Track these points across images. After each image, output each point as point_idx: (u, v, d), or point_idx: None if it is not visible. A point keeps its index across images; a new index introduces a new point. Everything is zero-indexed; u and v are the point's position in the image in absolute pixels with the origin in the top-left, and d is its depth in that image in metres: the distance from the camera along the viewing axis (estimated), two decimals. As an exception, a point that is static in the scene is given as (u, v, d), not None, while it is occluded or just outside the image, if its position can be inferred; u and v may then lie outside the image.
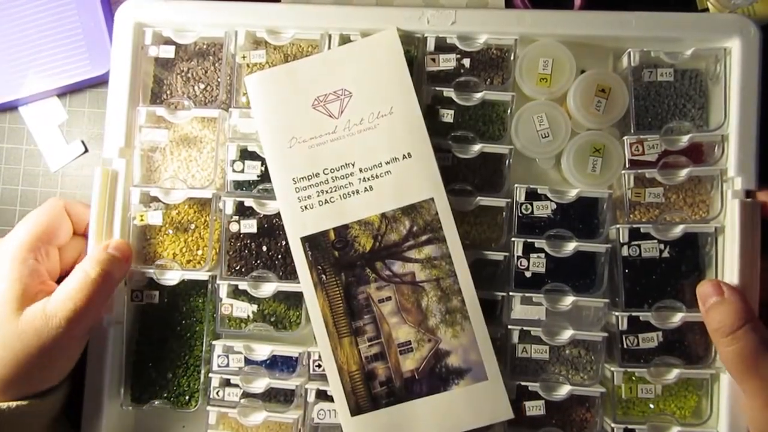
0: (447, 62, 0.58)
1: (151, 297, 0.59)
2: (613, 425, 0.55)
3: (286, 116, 0.56)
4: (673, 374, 0.55)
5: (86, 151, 0.66)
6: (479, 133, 0.58)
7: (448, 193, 0.55)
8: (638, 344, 0.56)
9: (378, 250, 0.55)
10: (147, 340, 0.60)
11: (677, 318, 0.55)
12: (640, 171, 0.57)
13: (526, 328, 0.56)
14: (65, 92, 0.66)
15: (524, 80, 0.58)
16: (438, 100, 0.58)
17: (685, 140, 0.56)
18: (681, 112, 0.59)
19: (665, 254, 0.57)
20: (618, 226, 0.56)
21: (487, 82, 0.59)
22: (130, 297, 0.59)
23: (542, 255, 0.56)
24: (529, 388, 0.56)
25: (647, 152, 0.56)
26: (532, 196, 0.57)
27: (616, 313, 0.56)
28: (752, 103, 0.55)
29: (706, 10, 0.62)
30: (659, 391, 0.56)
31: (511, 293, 0.56)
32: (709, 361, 0.56)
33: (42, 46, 0.65)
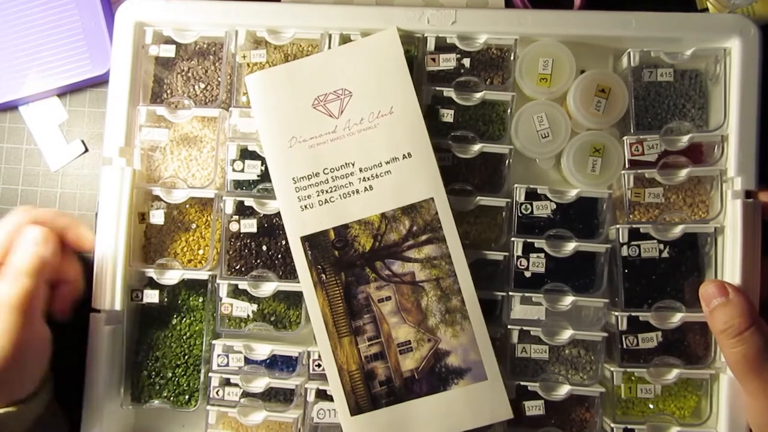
0: (447, 62, 0.58)
1: (151, 297, 0.59)
2: (612, 425, 0.55)
3: (286, 116, 0.56)
4: (673, 374, 0.55)
5: (86, 150, 0.66)
6: (479, 133, 0.58)
7: (448, 193, 0.55)
8: (638, 344, 0.56)
9: (378, 249, 0.55)
10: (147, 339, 0.60)
11: (677, 318, 0.55)
12: (640, 171, 0.57)
13: (525, 328, 0.56)
14: (65, 92, 0.66)
15: (524, 80, 0.58)
16: (438, 100, 0.58)
17: (685, 140, 0.56)
18: (681, 112, 0.59)
19: (665, 254, 0.57)
20: (618, 226, 0.56)
21: (487, 82, 0.59)
22: (130, 297, 0.59)
23: (542, 255, 0.56)
24: (529, 388, 0.56)
25: (647, 152, 0.56)
26: (532, 196, 0.57)
27: (616, 313, 0.56)
28: (752, 104, 0.55)
29: (706, 10, 0.62)
30: (659, 391, 0.56)
31: (510, 293, 0.56)
32: (708, 361, 0.56)
33: (42, 45, 0.65)
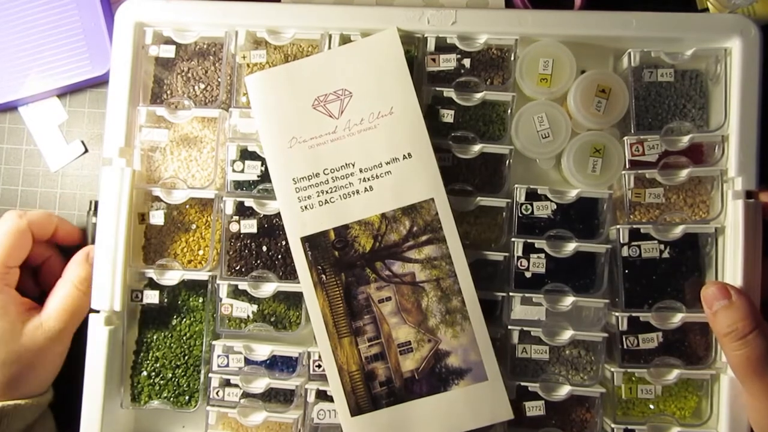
0: (447, 62, 0.58)
1: (151, 297, 0.59)
2: (613, 426, 0.55)
3: (286, 116, 0.56)
4: (673, 375, 0.55)
5: (86, 151, 0.66)
6: (479, 134, 0.58)
7: (448, 193, 0.55)
8: (638, 345, 0.56)
9: (378, 250, 0.55)
10: (147, 340, 0.60)
11: (677, 318, 0.55)
12: (640, 171, 0.57)
13: (526, 328, 0.56)
14: (65, 92, 0.66)
15: (524, 80, 0.58)
16: (438, 100, 0.58)
17: (685, 140, 0.56)
18: (681, 112, 0.59)
19: (665, 255, 0.57)
20: (618, 226, 0.56)
21: (488, 82, 0.59)
22: (130, 297, 0.59)
23: (542, 255, 0.56)
24: (529, 389, 0.56)
25: (647, 152, 0.56)
26: (532, 196, 0.57)
27: (616, 314, 0.56)
28: (752, 104, 0.55)
29: (706, 10, 0.62)
30: (659, 392, 0.56)
31: (511, 293, 0.56)
32: (709, 362, 0.56)
33: (42, 46, 0.65)
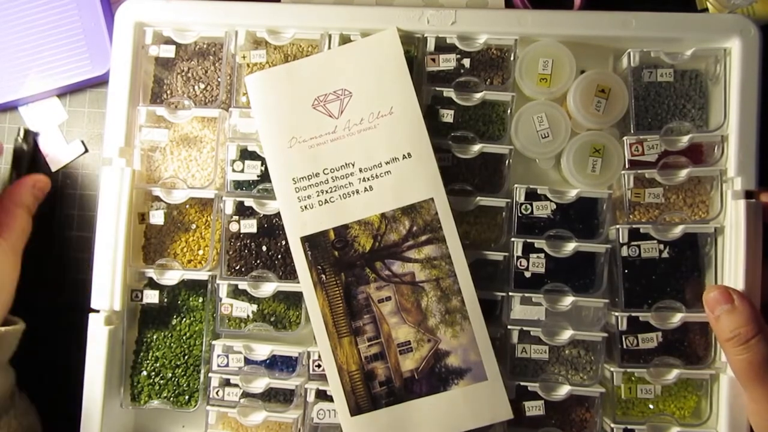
0: (447, 62, 0.58)
1: (151, 297, 0.59)
2: (612, 425, 0.55)
3: (286, 116, 0.56)
4: (673, 374, 0.55)
5: (86, 151, 0.66)
6: (479, 133, 0.58)
7: (448, 193, 0.55)
8: (638, 344, 0.56)
9: (378, 250, 0.55)
10: (147, 339, 0.60)
11: (677, 318, 0.55)
12: (640, 171, 0.57)
13: (525, 328, 0.56)
14: (65, 92, 0.66)
15: (524, 80, 0.58)
16: (438, 100, 0.58)
17: (685, 140, 0.56)
18: (681, 112, 0.59)
19: (665, 254, 0.57)
20: (618, 226, 0.56)
21: (487, 82, 0.59)
22: (130, 297, 0.59)
23: (542, 255, 0.56)
24: (529, 388, 0.56)
25: (647, 152, 0.56)
26: (532, 196, 0.57)
27: (616, 314, 0.56)
28: (752, 104, 0.55)
29: (706, 10, 0.62)
30: (659, 392, 0.56)
31: (510, 293, 0.56)
32: (708, 362, 0.56)
33: (42, 46, 0.65)
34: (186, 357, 0.60)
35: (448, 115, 0.58)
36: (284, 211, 0.56)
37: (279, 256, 0.58)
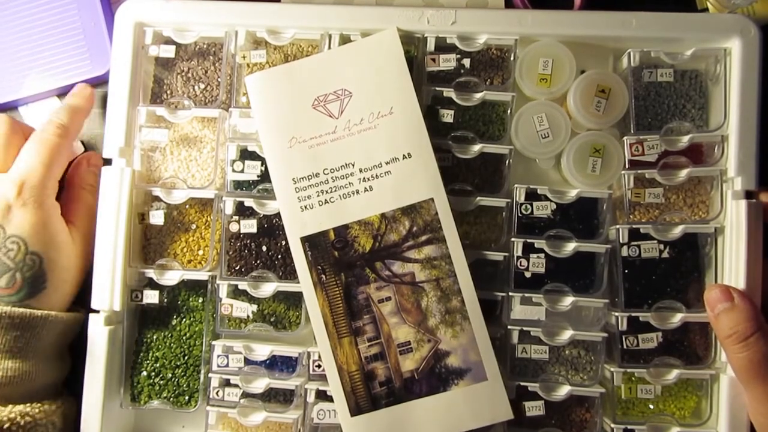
0: (447, 62, 0.58)
1: (151, 297, 0.59)
2: (612, 426, 0.55)
3: (286, 116, 0.56)
4: (673, 375, 0.55)
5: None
6: (479, 134, 0.58)
7: (448, 193, 0.55)
8: (638, 345, 0.56)
9: (378, 250, 0.55)
10: (147, 340, 0.60)
11: (677, 318, 0.55)
12: (640, 171, 0.57)
13: (525, 328, 0.56)
14: (65, 92, 0.66)
15: (524, 80, 0.58)
16: (438, 100, 0.58)
17: (685, 140, 0.56)
18: (681, 112, 0.59)
19: (665, 255, 0.57)
20: (618, 226, 0.56)
21: (487, 83, 0.59)
22: (130, 297, 0.59)
23: (542, 255, 0.56)
24: (529, 389, 0.56)
25: (647, 152, 0.56)
26: (532, 196, 0.57)
27: (616, 314, 0.56)
28: (752, 104, 0.55)
29: (706, 10, 0.62)
30: (659, 392, 0.56)
31: (510, 293, 0.56)
32: (708, 362, 0.56)
33: (42, 46, 0.65)
34: (186, 357, 0.60)
35: (448, 115, 0.58)
36: (284, 211, 0.56)
37: (279, 257, 0.58)
